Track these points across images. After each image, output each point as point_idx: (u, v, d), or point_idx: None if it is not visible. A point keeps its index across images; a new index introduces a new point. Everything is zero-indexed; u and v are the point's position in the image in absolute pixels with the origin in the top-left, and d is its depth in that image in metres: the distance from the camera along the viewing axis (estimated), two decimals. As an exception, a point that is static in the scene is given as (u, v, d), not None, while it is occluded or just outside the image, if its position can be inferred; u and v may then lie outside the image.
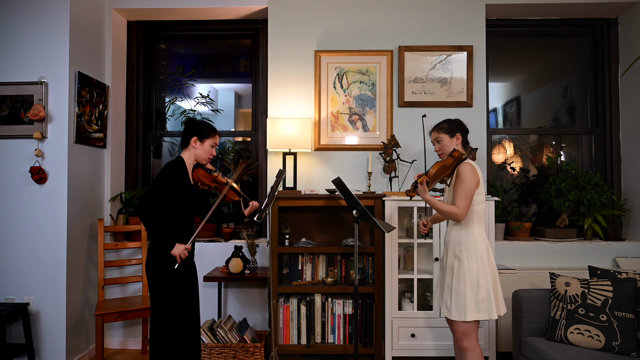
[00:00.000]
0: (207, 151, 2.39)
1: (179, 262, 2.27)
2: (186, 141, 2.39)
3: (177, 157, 2.38)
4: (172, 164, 2.32)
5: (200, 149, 2.38)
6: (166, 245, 2.26)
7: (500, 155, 3.80)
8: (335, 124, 3.45)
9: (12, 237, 2.97)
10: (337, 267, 3.17)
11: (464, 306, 2.14)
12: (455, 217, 2.17)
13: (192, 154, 2.39)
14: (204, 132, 2.37)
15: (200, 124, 2.41)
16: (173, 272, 2.28)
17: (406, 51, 3.41)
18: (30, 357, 2.88)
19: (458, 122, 2.35)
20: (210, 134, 2.39)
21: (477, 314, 2.13)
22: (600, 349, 2.30)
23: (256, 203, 2.51)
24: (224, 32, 3.83)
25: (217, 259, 3.41)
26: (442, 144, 2.31)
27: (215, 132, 2.43)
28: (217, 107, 3.95)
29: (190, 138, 2.37)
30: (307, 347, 3.03)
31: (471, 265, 2.15)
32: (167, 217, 2.28)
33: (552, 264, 3.33)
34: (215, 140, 2.42)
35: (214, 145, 2.42)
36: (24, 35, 2.98)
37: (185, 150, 2.40)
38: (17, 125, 2.97)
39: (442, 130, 2.31)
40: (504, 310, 2.23)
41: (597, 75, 3.71)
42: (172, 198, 2.26)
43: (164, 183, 2.25)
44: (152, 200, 2.24)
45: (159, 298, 2.28)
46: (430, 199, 2.21)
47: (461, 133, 2.31)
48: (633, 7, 3.47)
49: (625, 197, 3.54)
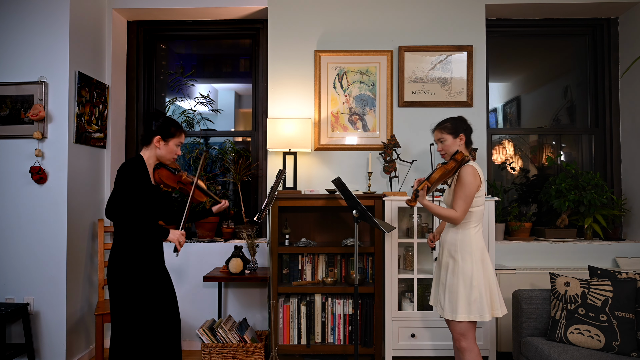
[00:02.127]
0: (171, 151, 2.17)
1: (179, 249, 2.13)
2: (148, 139, 2.14)
3: (136, 156, 2.15)
4: (128, 163, 2.08)
5: (164, 149, 2.15)
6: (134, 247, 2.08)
7: (500, 155, 3.80)
8: (335, 124, 3.45)
9: (12, 237, 2.97)
10: (337, 267, 3.17)
11: (456, 306, 2.14)
12: (452, 221, 2.17)
13: (153, 154, 2.16)
14: (168, 131, 2.14)
15: (165, 120, 2.16)
16: (136, 279, 2.06)
17: (406, 51, 3.41)
18: (30, 357, 2.88)
19: (462, 121, 2.31)
20: (176, 133, 2.17)
21: (469, 315, 2.13)
22: (600, 349, 2.30)
23: (226, 203, 2.40)
24: (224, 32, 3.83)
25: (217, 259, 3.41)
26: (445, 144, 2.28)
27: (182, 130, 2.20)
28: (217, 107, 3.95)
29: (153, 137, 2.13)
30: (307, 347, 3.03)
31: (465, 266, 2.15)
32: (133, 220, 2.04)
33: (552, 264, 3.33)
34: (181, 139, 2.19)
35: (180, 144, 2.20)
36: (24, 35, 2.98)
37: (145, 149, 2.16)
38: (17, 125, 2.97)
39: (445, 130, 2.28)
40: (504, 312, 2.21)
41: (597, 75, 3.71)
42: (134, 199, 2.03)
43: (123, 184, 2.02)
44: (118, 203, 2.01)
45: (119, 308, 2.04)
46: (428, 204, 2.19)
47: (465, 133, 2.28)
48: (633, 7, 3.47)
49: (625, 197, 3.54)
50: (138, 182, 2.06)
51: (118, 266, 2.07)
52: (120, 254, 2.08)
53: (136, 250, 2.09)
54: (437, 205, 2.22)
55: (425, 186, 2.14)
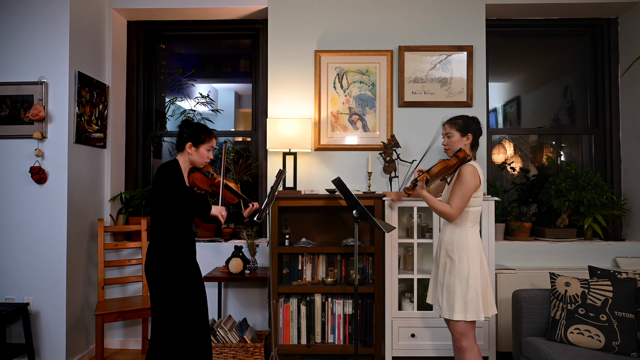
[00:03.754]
0: (203, 156, 2.31)
1: (223, 222, 2.28)
2: (181, 145, 2.31)
3: (173, 160, 2.30)
4: (166, 166, 2.23)
5: (196, 154, 2.29)
6: (172, 243, 2.23)
7: (500, 155, 3.80)
8: (335, 124, 3.45)
9: (12, 237, 2.97)
10: (337, 267, 3.17)
11: (453, 305, 2.16)
12: (447, 216, 2.18)
13: (187, 159, 2.31)
14: (198, 138, 2.28)
15: (195, 128, 2.30)
16: (175, 273, 2.22)
17: (406, 51, 3.41)
18: (30, 357, 2.88)
19: (475, 122, 2.30)
20: (206, 139, 2.30)
21: (465, 315, 2.14)
22: (600, 349, 2.30)
23: (256, 204, 2.46)
24: (224, 32, 3.83)
25: (217, 259, 3.41)
26: (451, 140, 2.28)
27: (211, 135, 2.33)
28: (217, 107, 3.95)
29: (185, 144, 2.28)
30: (307, 347, 3.03)
31: (462, 266, 2.16)
32: (168, 219, 2.23)
33: (552, 264, 3.33)
34: (212, 144, 2.32)
35: (211, 149, 2.33)
36: (24, 35, 2.98)
37: (180, 154, 2.33)
38: (17, 125, 2.97)
39: (455, 126, 2.28)
40: (494, 312, 2.24)
41: (597, 75, 3.71)
42: (171, 200, 2.20)
43: (165, 180, 2.18)
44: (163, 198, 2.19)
45: (160, 300, 2.21)
46: (425, 194, 2.21)
47: (473, 134, 2.28)
48: (633, 7, 3.47)
49: (625, 197, 3.54)
50: (172, 183, 2.20)
51: (157, 261, 2.22)
52: (159, 250, 2.23)
53: (173, 246, 2.24)
54: (434, 198, 2.23)
55: (424, 178, 2.16)
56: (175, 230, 2.26)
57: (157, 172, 2.22)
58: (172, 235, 2.25)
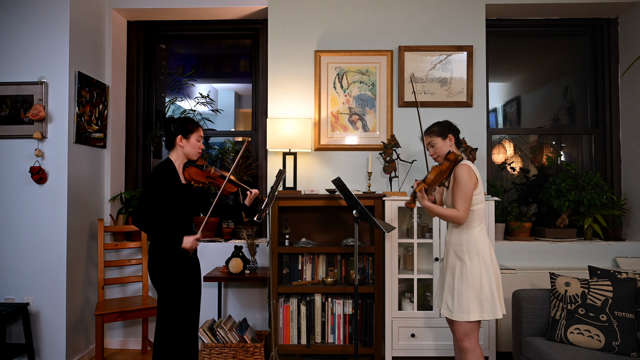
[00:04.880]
0: (195, 146, 2.33)
1: (191, 253, 2.33)
2: (171, 142, 2.34)
3: (165, 160, 2.34)
4: (159, 166, 2.28)
5: (188, 146, 2.32)
6: (166, 246, 2.26)
7: (500, 155, 3.80)
8: (335, 124, 3.45)
9: (12, 237, 2.97)
10: (337, 267, 3.17)
11: (467, 306, 2.14)
12: (456, 220, 2.17)
13: (180, 154, 2.34)
14: (186, 128, 2.32)
15: (181, 120, 2.35)
16: (175, 272, 2.27)
17: (406, 51, 3.41)
18: (30, 357, 2.88)
19: (448, 124, 2.35)
20: (194, 128, 2.34)
21: (482, 314, 2.13)
22: (600, 349, 2.30)
23: (256, 191, 2.50)
24: (224, 32, 3.83)
25: (217, 259, 3.41)
26: (436, 147, 2.31)
27: (198, 124, 2.37)
28: (217, 107, 3.95)
29: (175, 138, 2.31)
30: (307, 347, 3.03)
31: (473, 266, 2.15)
32: (163, 220, 2.26)
33: (552, 264, 3.33)
34: (200, 133, 2.36)
35: (200, 138, 2.36)
36: (24, 35, 2.98)
37: (172, 152, 2.36)
38: (17, 125, 2.97)
39: (433, 134, 2.31)
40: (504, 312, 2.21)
41: (597, 75, 3.71)
42: (164, 201, 2.24)
43: (154, 187, 2.22)
44: (145, 206, 2.22)
45: (163, 298, 2.27)
46: (430, 205, 2.20)
47: (453, 134, 2.31)
48: (633, 7, 3.47)
49: (625, 197, 3.54)
50: (167, 184, 2.24)
51: (157, 261, 2.27)
52: (156, 250, 2.28)
53: (170, 245, 2.27)
54: (438, 206, 2.23)
55: (422, 188, 2.15)
56: (173, 229, 2.28)
57: (152, 173, 2.26)
58: (171, 235, 2.27)
